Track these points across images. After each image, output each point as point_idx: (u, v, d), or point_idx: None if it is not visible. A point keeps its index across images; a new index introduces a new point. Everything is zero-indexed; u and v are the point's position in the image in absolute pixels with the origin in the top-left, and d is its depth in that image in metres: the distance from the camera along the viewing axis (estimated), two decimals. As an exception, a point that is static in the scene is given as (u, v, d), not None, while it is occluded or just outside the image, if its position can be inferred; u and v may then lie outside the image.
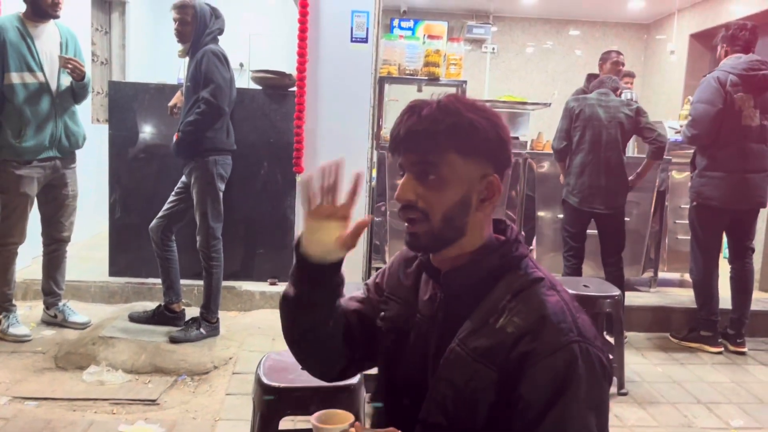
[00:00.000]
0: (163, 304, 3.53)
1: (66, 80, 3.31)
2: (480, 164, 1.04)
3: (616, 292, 3.10)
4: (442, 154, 1.02)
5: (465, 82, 4.37)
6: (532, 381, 0.94)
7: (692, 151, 3.82)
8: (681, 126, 3.81)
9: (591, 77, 6.64)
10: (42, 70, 3.22)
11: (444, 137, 1.01)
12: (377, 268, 4.32)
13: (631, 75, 6.67)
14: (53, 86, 3.27)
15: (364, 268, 4.07)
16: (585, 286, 3.14)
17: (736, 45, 3.61)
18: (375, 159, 4.15)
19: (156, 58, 6.74)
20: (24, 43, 3.17)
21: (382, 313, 1.19)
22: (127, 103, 4.01)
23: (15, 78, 3.16)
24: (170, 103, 3.65)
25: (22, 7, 3.25)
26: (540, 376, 0.94)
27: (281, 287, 4.05)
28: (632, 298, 4.17)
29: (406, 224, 1.07)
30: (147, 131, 4.01)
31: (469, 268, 1.07)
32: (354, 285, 2.75)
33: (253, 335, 3.57)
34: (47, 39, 3.26)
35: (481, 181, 1.04)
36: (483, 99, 5.41)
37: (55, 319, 3.51)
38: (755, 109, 3.50)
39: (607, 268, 3.79)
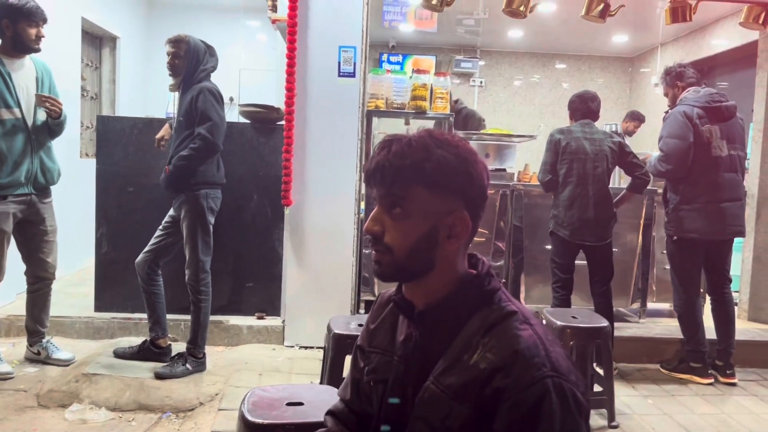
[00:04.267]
0: (149, 339, 3.49)
1: (42, 115, 3.29)
2: (447, 199, 1.05)
3: (605, 323, 3.09)
4: (406, 188, 1.04)
5: (452, 115, 4.41)
6: (506, 417, 0.93)
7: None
8: (648, 160, 3.86)
9: (634, 115, 6.81)
10: (19, 106, 3.19)
11: (409, 172, 1.03)
12: (366, 301, 4.31)
13: (641, 119, 6.81)
14: (29, 122, 3.24)
15: (352, 301, 4.05)
16: (573, 317, 3.13)
17: (689, 79, 3.74)
18: (363, 192, 4.16)
19: (146, 94, 6.80)
20: (1, 79, 3.15)
21: (366, 368, 1.20)
22: (115, 137, 4.02)
23: None
24: (157, 136, 3.64)
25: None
26: (513, 413, 0.93)
27: (269, 321, 4.03)
28: (621, 329, 4.16)
29: (372, 252, 1.09)
30: (135, 165, 4.00)
31: (442, 304, 1.07)
32: (343, 319, 2.75)
33: (240, 371, 3.53)
34: (24, 74, 3.24)
35: (448, 216, 1.05)
36: (470, 131, 5.46)
37: (38, 356, 3.46)
38: (722, 139, 3.58)
39: (595, 298, 3.78)
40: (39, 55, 3.33)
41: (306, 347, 3.97)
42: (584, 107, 3.83)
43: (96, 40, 6.09)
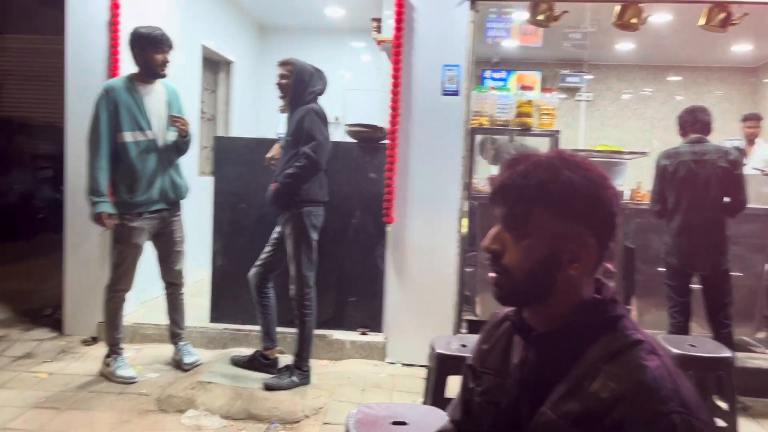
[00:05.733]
0: (259, 350, 3.63)
1: (171, 135, 3.54)
2: (571, 223, 1.02)
3: (728, 352, 2.88)
4: (529, 208, 1.02)
5: (558, 131, 4.31)
6: None
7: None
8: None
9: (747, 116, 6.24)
10: (150, 127, 3.46)
11: (533, 192, 1.02)
12: (468, 321, 4.26)
13: (756, 117, 6.27)
14: (160, 142, 3.50)
15: (454, 320, 4.02)
16: (692, 345, 2.94)
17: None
18: (466, 209, 4.13)
19: (257, 115, 7.14)
20: (134, 103, 3.42)
21: (478, 389, 1.18)
22: (230, 156, 4.25)
23: (128, 137, 3.41)
24: (268, 155, 3.82)
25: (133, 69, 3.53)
26: None
27: (371, 337, 4.08)
28: (746, 360, 3.85)
29: (490, 274, 1.07)
30: (248, 183, 4.20)
31: (563, 329, 1.04)
32: (446, 338, 2.73)
33: (344, 385, 3.59)
34: (155, 97, 3.51)
35: (571, 241, 1.02)
36: (577, 148, 5.30)
37: (176, 357, 3.74)
38: None
39: (714, 326, 3.54)
40: (167, 79, 3.60)
41: (407, 364, 3.98)
42: (694, 120, 3.62)
43: (213, 65, 6.49)
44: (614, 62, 8.59)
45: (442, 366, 2.62)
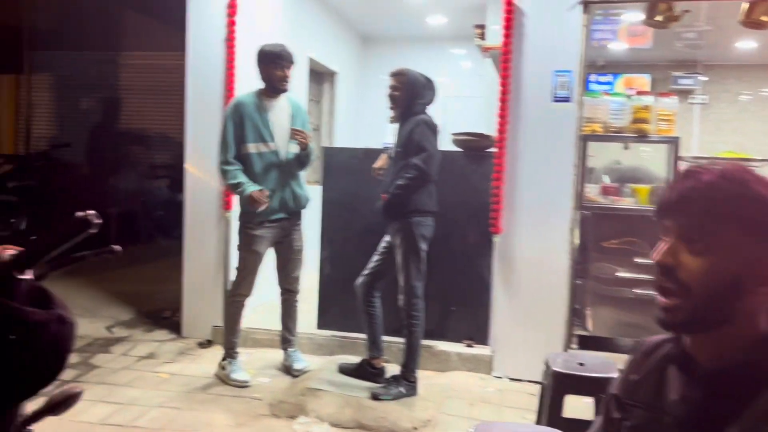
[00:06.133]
0: (366, 359, 3.66)
1: (293, 148, 3.64)
2: (763, 244, 0.93)
3: None
4: (718, 224, 0.94)
5: (678, 138, 4.07)
6: None
7: None
8: None
9: None
10: (273, 139, 3.59)
11: (723, 206, 0.93)
12: (578, 336, 4.10)
13: None
14: (282, 154, 3.62)
15: (565, 335, 3.88)
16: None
17: None
18: (578, 218, 3.98)
19: (359, 125, 7.24)
20: (259, 117, 3.57)
21: (627, 423, 1.09)
22: (338, 166, 4.32)
23: (251, 148, 3.55)
24: (375, 165, 3.86)
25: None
26: None
27: (477, 350, 4.00)
28: None
29: (658, 296, 0.98)
30: (354, 193, 4.25)
31: (738, 365, 0.94)
32: (562, 356, 2.63)
33: (451, 398, 3.54)
34: (279, 111, 3.64)
35: (760, 264, 0.93)
36: (697, 155, 4.99)
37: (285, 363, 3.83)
38: None
39: None
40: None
41: (515, 379, 3.88)
42: None
43: (318, 76, 6.65)
44: (733, 62, 8.05)
45: (558, 385, 2.53)
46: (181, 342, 4.37)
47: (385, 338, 3.75)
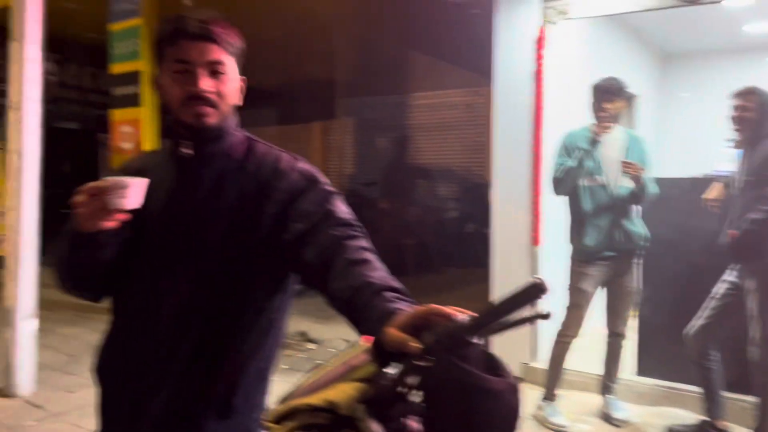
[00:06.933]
0: (708, 419, 3.23)
1: (625, 182, 3.42)
2: None
3: None
4: None
5: None
6: None
7: None
8: None
9: None
10: (602, 173, 3.43)
11: None
12: None
13: None
14: (612, 188, 3.43)
15: None
16: None
17: None
18: None
19: (663, 150, 6.66)
20: (589, 150, 3.40)
21: None
22: (656, 197, 3.95)
23: (581, 181, 3.44)
24: (707, 195, 3.47)
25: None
26: None
27: None
28: None
29: None
30: (678, 227, 3.85)
31: None
32: None
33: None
34: (611, 145, 3.46)
35: None
36: None
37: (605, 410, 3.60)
38: None
39: None
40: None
41: None
42: None
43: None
44: None
45: None
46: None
47: (727, 394, 3.27)
